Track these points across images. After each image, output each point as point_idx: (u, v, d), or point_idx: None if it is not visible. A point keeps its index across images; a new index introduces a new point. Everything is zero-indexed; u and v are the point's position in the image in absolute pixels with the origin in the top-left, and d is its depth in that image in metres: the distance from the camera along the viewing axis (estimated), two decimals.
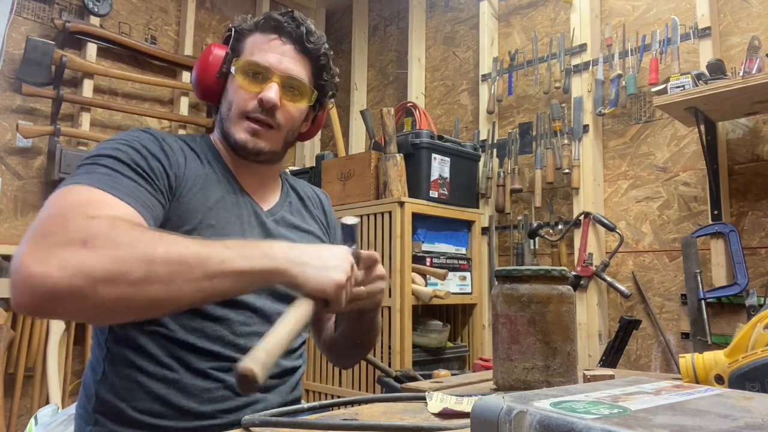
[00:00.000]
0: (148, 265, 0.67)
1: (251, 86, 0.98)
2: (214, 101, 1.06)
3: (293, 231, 1.06)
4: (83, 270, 0.64)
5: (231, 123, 0.99)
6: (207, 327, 0.89)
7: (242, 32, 1.03)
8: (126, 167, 0.83)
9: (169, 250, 0.70)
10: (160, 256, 0.69)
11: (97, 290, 0.65)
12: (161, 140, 0.93)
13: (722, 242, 1.90)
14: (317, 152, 3.24)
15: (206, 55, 1.03)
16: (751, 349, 0.73)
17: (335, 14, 3.61)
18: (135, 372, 0.86)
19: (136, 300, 0.67)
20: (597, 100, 2.23)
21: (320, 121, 1.13)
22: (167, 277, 0.68)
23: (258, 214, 1.01)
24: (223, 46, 1.03)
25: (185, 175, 0.93)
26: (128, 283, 0.66)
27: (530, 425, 0.37)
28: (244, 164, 1.03)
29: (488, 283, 2.46)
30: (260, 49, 1.00)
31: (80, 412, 0.91)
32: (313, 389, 2.38)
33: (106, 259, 0.66)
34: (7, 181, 2.39)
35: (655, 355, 2.08)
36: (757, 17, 1.98)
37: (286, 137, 1.02)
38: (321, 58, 1.04)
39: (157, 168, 0.87)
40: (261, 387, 0.64)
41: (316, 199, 1.19)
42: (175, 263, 0.69)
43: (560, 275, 0.83)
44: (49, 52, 2.40)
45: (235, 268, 0.73)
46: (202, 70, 1.02)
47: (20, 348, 2.19)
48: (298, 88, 1.00)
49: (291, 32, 1.00)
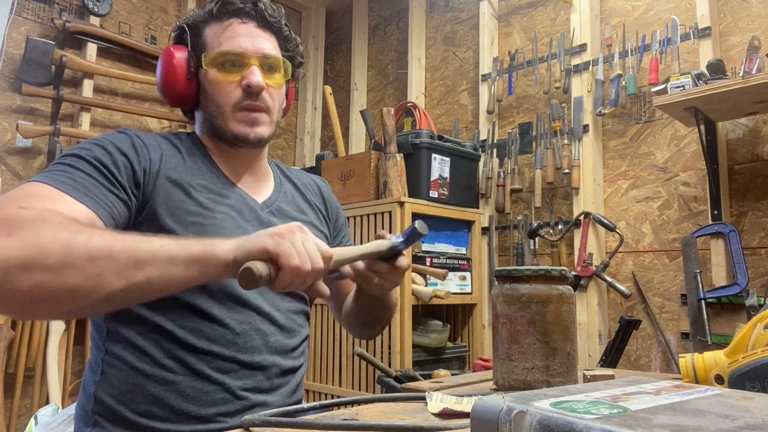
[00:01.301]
0: (66, 250, 0.65)
1: (230, 76, 0.95)
2: (189, 105, 1.01)
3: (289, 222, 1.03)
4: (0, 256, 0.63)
5: (224, 119, 0.96)
6: (206, 327, 0.88)
7: (196, 26, 1.00)
8: (87, 164, 0.82)
9: (91, 237, 0.67)
10: (81, 243, 0.66)
11: (11, 277, 0.63)
12: (134, 137, 0.91)
13: (722, 242, 1.90)
14: (317, 152, 3.25)
15: (167, 59, 0.97)
16: (751, 349, 0.73)
17: (335, 14, 3.61)
18: (133, 373, 0.86)
19: (53, 287, 0.64)
20: (597, 100, 2.23)
21: (292, 95, 1.11)
22: (86, 263, 0.65)
23: (253, 207, 0.99)
24: (181, 47, 0.99)
25: (161, 170, 0.90)
26: (43, 268, 0.64)
27: (530, 425, 0.37)
28: (234, 157, 1.01)
29: (488, 283, 2.46)
30: (226, 36, 0.96)
31: (80, 413, 0.91)
32: (313, 389, 2.38)
33: (23, 245, 0.64)
34: (7, 181, 2.39)
35: (655, 355, 2.08)
36: (757, 17, 1.98)
37: (276, 118, 1.01)
38: (283, 29, 1.02)
39: (122, 162, 0.86)
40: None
41: (313, 186, 1.17)
42: (96, 249, 0.66)
43: (560, 275, 0.83)
44: (49, 52, 2.40)
45: (165, 252, 0.69)
46: (169, 77, 0.97)
47: (20, 348, 2.19)
48: (274, 64, 0.98)
49: (249, 11, 0.98)
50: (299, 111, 3.54)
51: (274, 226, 0.75)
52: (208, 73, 0.96)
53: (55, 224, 0.68)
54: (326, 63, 3.58)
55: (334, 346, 2.32)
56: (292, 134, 3.55)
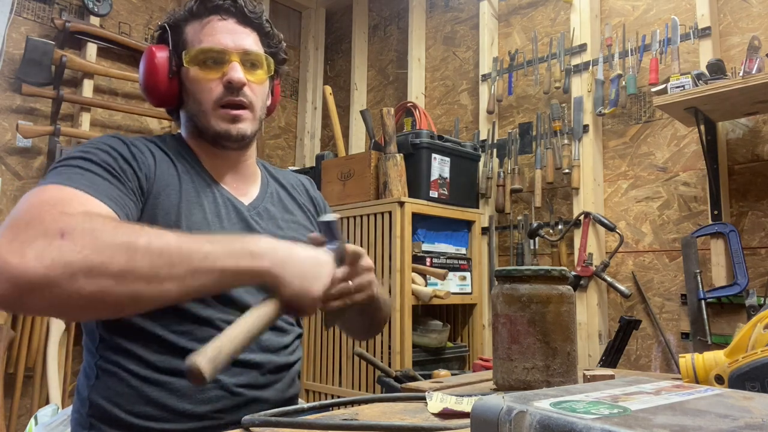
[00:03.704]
0: (130, 254, 0.64)
1: (211, 74, 0.94)
2: (172, 104, 1.01)
3: (276, 223, 1.03)
4: (62, 260, 0.62)
5: (206, 116, 0.96)
6: (196, 329, 0.87)
7: (177, 25, 0.99)
8: (98, 167, 0.82)
9: (150, 241, 0.67)
10: (142, 247, 0.66)
11: (75, 282, 0.62)
12: (129, 144, 0.91)
13: (722, 242, 1.90)
14: (317, 152, 3.24)
15: (149, 59, 0.97)
16: (751, 349, 0.73)
17: (335, 14, 3.61)
18: (127, 376, 0.85)
19: (115, 293, 0.64)
20: (597, 100, 2.23)
21: (278, 92, 1.10)
22: (150, 271, 0.65)
23: (239, 210, 0.98)
24: (162, 46, 0.99)
25: (156, 177, 0.90)
26: (109, 275, 0.63)
27: (530, 425, 0.37)
28: (219, 158, 1.00)
29: (488, 283, 2.46)
30: (206, 33, 0.96)
31: (75, 416, 0.90)
32: (313, 389, 2.38)
33: (85, 249, 0.63)
34: (7, 181, 2.39)
35: (655, 355, 2.08)
36: (757, 17, 1.98)
37: (259, 115, 1.00)
38: (264, 25, 1.02)
39: (127, 170, 0.86)
40: (211, 381, 0.63)
41: (300, 185, 1.16)
42: (157, 255, 0.66)
43: (560, 275, 0.83)
44: (49, 52, 2.40)
45: (219, 265, 0.70)
46: (151, 76, 0.97)
47: (20, 348, 2.19)
48: (256, 61, 0.98)
49: (229, 8, 0.97)
50: (299, 111, 3.54)
51: (315, 276, 0.77)
52: (189, 70, 0.96)
53: (107, 225, 0.67)
54: (326, 63, 3.58)
55: (334, 346, 2.32)
56: (292, 134, 3.55)
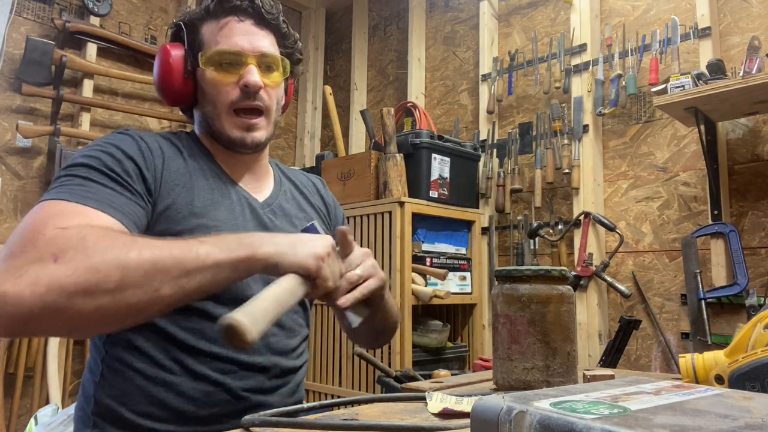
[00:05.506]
0: (122, 270, 0.66)
1: (228, 76, 0.94)
2: (187, 104, 1.01)
3: (290, 220, 1.03)
4: (56, 285, 0.63)
5: (221, 120, 0.95)
6: (206, 327, 0.87)
7: (193, 24, 0.98)
8: (100, 174, 0.81)
9: (141, 253, 0.68)
10: (134, 260, 0.67)
11: (73, 304, 0.63)
12: (138, 140, 0.90)
13: (722, 242, 1.90)
14: (317, 152, 3.24)
15: (164, 58, 0.96)
16: (751, 349, 0.73)
17: (335, 14, 3.61)
18: (133, 374, 0.85)
19: (115, 308, 0.65)
20: (597, 100, 2.23)
21: (291, 91, 1.09)
22: (144, 281, 0.67)
23: (253, 207, 0.98)
24: (178, 45, 0.98)
25: (164, 175, 0.90)
26: (104, 292, 0.64)
27: (530, 425, 0.37)
28: (233, 157, 1.00)
29: (488, 283, 2.46)
30: (223, 35, 0.95)
31: (79, 414, 0.90)
32: (313, 389, 2.38)
33: (77, 270, 0.64)
34: (7, 181, 2.39)
35: (655, 355, 2.08)
36: (757, 17, 1.98)
37: (274, 118, 1.00)
38: (281, 26, 1.01)
39: (132, 170, 0.85)
40: (255, 344, 0.63)
41: (311, 185, 1.16)
42: (149, 265, 0.67)
43: (560, 275, 0.83)
44: (49, 52, 2.40)
45: (212, 260, 0.71)
46: (166, 75, 0.96)
47: (20, 348, 2.19)
48: (272, 63, 0.97)
49: (246, 8, 0.96)
50: (299, 111, 3.54)
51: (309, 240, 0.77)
52: (206, 72, 0.95)
53: (100, 242, 0.67)
54: (326, 63, 3.58)
55: (334, 346, 2.32)
56: (292, 134, 3.55)
